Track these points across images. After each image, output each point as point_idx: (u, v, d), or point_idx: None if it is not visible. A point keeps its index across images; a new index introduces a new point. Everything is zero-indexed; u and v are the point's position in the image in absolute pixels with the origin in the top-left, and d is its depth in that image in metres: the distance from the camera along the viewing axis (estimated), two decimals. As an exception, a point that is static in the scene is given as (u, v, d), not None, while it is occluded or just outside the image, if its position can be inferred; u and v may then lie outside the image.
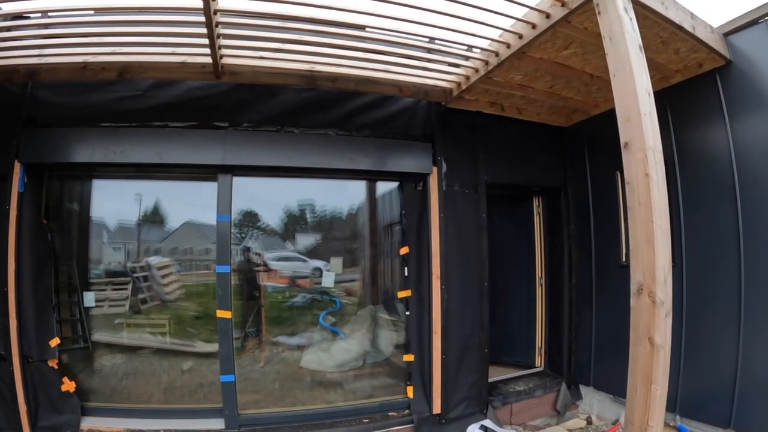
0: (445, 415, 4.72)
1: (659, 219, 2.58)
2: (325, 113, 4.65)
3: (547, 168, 5.66)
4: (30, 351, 4.09)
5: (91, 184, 4.76)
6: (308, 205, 5.37)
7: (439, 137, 4.95)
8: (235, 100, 4.44)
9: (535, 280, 6.05)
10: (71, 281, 4.68)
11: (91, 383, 4.58)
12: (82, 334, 4.69)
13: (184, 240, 5.14)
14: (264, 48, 3.99)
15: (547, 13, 3.40)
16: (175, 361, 4.90)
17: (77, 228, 4.82)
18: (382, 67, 4.33)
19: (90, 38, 3.69)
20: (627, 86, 2.73)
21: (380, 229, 5.43)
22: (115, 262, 5.04)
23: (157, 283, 5.11)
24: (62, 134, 4.19)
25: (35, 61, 3.89)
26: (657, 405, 2.57)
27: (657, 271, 2.54)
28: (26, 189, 4.12)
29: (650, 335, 2.56)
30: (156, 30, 3.63)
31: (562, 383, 5.44)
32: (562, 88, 4.72)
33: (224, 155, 4.38)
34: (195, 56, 3.97)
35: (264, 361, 5.03)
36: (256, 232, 5.23)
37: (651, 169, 2.62)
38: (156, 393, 4.71)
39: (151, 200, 4.97)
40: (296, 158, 4.54)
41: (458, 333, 4.83)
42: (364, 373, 5.19)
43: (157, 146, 4.27)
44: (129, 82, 4.22)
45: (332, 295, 5.36)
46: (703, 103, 4.21)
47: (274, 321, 5.25)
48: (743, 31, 3.95)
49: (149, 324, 5.05)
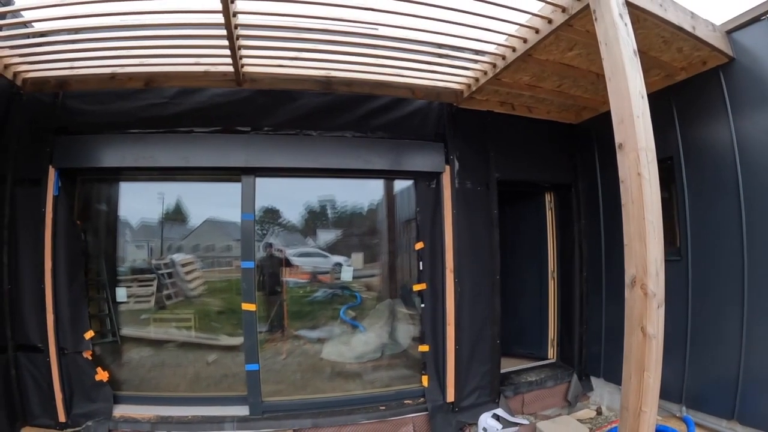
0: (458, 403, 4.90)
1: (651, 216, 2.70)
2: (342, 116, 4.84)
3: (557, 164, 5.76)
4: (65, 343, 4.38)
5: (119, 186, 5.03)
6: (328, 202, 5.57)
7: (451, 137, 5.10)
8: (256, 105, 4.66)
9: (547, 274, 6.15)
10: (100, 278, 4.97)
11: (122, 374, 4.87)
12: (111, 328, 4.97)
13: (207, 237, 5.38)
14: (282, 56, 4.21)
15: (549, 18, 3.55)
16: (200, 353, 5.14)
17: (106, 228, 5.10)
18: (395, 71, 4.51)
19: (117, 51, 3.95)
20: (621, 89, 2.87)
21: (398, 225, 5.58)
22: (140, 259, 5.29)
23: (181, 279, 5.35)
24: (93, 141, 4.46)
25: (65, 72, 4.17)
26: (650, 391, 2.70)
27: (649, 264, 2.67)
28: (60, 192, 4.39)
29: (643, 325, 2.69)
30: (180, 43, 3.86)
31: (573, 375, 5.55)
32: (570, 87, 4.83)
33: (247, 158, 4.61)
34: (217, 65, 4.21)
35: (286, 353, 5.24)
36: (279, 229, 5.46)
37: (643, 169, 2.74)
38: (183, 383, 4.98)
39: (176, 200, 5.22)
40: (313, 160, 4.75)
41: (470, 324, 4.99)
42: (381, 364, 5.37)
43: (183, 151, 4.52)
44: (155, 91, 4.47)
45: (353, 290, 5.56)
46: (708, 100, 4.26)
47: (295, 315, 5.46)
48: (746, 28, 3.99)
49: (174, 319, 5.30)
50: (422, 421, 4.79)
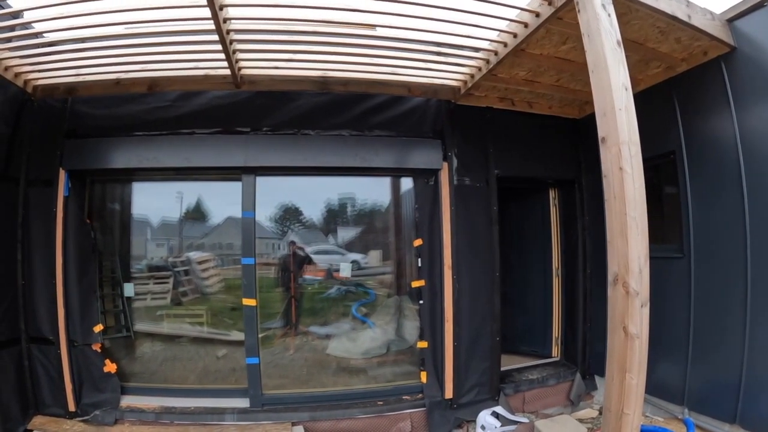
0: (456, 400, 4.90)
1: (633, 212, 2.66)
2: (339, 115, 4.90)
3: (559, 160, 5.67)
4: (75, 336, 4.58)
5: (130, 186, 5.24)
6: (349, 199, 5.71)
7: (449, 133, 5.09)
8: (255, 106, 4.77)
9: (552, 271, 6.08)
10: (114, 275, 5.17)
11: (132, 367, 5.07)
12: (124, 323, 5.17)
13: (221, 235, 5.50)
14: (278, 58, 4.32)
15: (536, 12, 3.54)
16: (211, 348, 5.30)
17: (119, 226, 5.32)
18: (391, 69, 4.56)
19: (121, 58, 4.14)
20: (603, 82, 2.81)
21: (405, 222, 5.59)
22: (156, 257, 5.47)
23: (197, 276, 5.51)
24: (100, 143, 4.65)
25: (73, 79, 4.40)
26: (632, 393, 2.65)
27: (631, 262, 2.63)
28: (70, 193, 4.60)
29: (625, 324, 2.65)
30: (179, 49, 4.04)
31: (577, 373, 5.48)
32: (568, 81, 4.78)
33: (246, 158, 4.73)
34: (216, 69, 4.35)
35: (294, 348, 5.36)
36: (298, 226, 5.61)
37: (625, 163, 2.70)
38: (191, 377, 5.14)
39: (188, 199, 5.38)
40: (312, 158, 4.83)
41: (469, 321, 4.98)
42: (387, 360, 5.42)
43: (185, 152, 4.67)
44: (158, 94, 4.64)
45: (366, 287, 5.64)
46: (709, 92, 4.13)
47: (308, 312, 5.59)
48: (747, 16, 3.83)
49: (188, 315, 5.47)
50: (420, 417, 4.82)
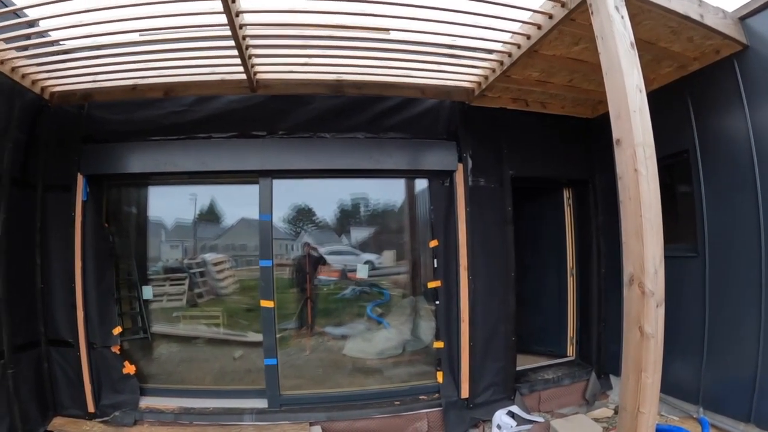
0: (472, 399, 4.92)
1: (648, 213, 2.67)
2: (353, 118, 4.93)
3: (573, 160, 5.67)
4: (94, 338, 4.65)
5: (147, 190, 5.31)
6: (362, 200, 5.72)
7: (464, 135, 5.11)
8: (271, 110, 4.81)
9: (566, 271, 6.07)
10: (131, 278, 5.23)
11: (150, 368, 5.13)
12: (142, 325, 5.22)
13: (235, 237, 5.56)
14: (293, 62, 4.37)
15: (549, 14, 3.57)
16: (227, 349, 5.36)
17: (135, 230, 5.39)
18: (404, 72, 4.60)
19: (137, 64, 4.20)
20: (617, 84, 2.83)
21: (420, 222, 5.61)
22: (172, 259, 5.54)
23: (213, 278, 5.57)
24: (117, 148, 4.72)
25: (89, 85, 4.47)
26: (648, 392, 2.67)
27: (646, 263, 2.65)
28: (89, 197, 4.68)
29: (640, 324, 2.67)
30: (195, 54, 4.09)
31: (592, 373, 5.47)
32: (581, 81, 4.79)
33: (263, 161, 4.78)
34: (232, 74, 4.40)
35: (310, 349, 5.39)
36: (312, 227, 5.63)
37: (640, 165, 2.71)
38: (208, 377, 5.19)
39: (202, 201, 5.43)
40: (327, 161, 4.87)
41: (485, 321, 5.00)
42: (402, 360, 5.45)
43: (202, 156, 4.72)
44: (174, 99, 4.69)
45: (381, 287, 5.66)
46: (722, 90, 4.12)
47: (323, 312, 5.63)
48: (760, 13, 3.82)
49: (204, 316, 5.52)
50: (436, 416, 4.84)
